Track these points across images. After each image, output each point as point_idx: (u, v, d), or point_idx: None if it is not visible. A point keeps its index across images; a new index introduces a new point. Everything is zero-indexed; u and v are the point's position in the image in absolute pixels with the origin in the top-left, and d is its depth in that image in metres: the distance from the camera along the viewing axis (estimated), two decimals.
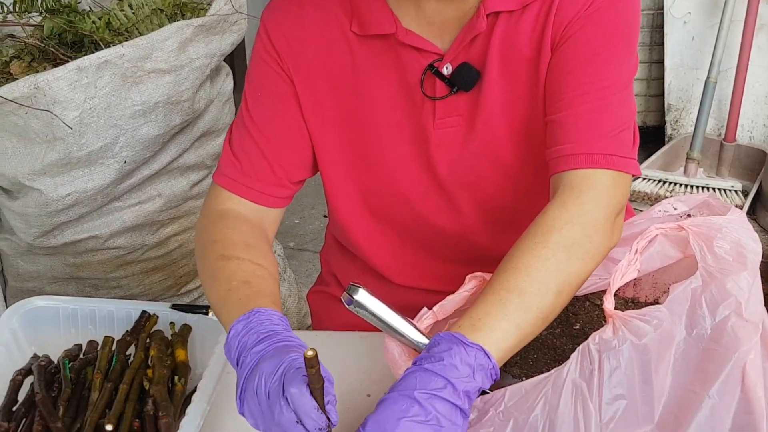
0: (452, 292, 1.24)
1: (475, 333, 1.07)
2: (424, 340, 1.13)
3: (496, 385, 1.11)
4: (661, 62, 3.84)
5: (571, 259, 1.16)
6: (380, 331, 1.16)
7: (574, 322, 1.30)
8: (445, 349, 1.05)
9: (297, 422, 1.00)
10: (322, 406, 1.01)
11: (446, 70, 1.34)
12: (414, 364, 1.06)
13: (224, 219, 1.36)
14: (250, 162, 1.39)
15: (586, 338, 1.06)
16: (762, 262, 1.13)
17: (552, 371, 1.03)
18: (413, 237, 1.50)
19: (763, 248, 1.15)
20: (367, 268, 1.56)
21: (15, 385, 1.34)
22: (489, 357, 1.06)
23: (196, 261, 1.36)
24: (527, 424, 1.01)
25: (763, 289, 1.13)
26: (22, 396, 1.33)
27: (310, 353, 0.96)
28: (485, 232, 1.46)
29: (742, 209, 3.18)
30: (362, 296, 1.13)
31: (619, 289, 1.15)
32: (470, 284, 1.25)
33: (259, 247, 1.33)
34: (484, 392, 1.08)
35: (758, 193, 3.46)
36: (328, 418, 1.01)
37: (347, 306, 1.14)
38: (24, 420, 1.28)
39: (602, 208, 1.21)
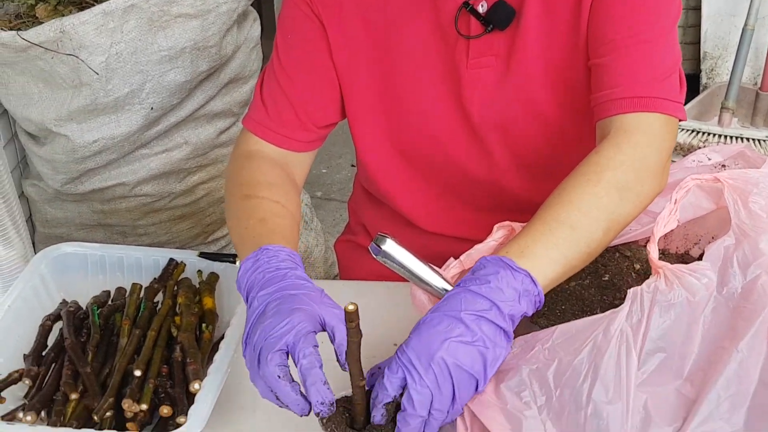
0: (480, 241, 1.23)
1: (522, 259, 1.07)
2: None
3: (521, 334, 1.10)
4: (698, 9, 3.76)
5: (623, 200, 1.15)
6: (407, 280, 1.16)
7: (603, 274, 1.28)
8: (491, 272, 1.05)
9: (279, 377, 1.02)
10: (359, 362, 1.02)
11: (481, 8, 1.31)
12: (458, 285, 1.06)
13: (250, 160, 1.37)
14: (275, 106, 1.39)
15: (615, 290, 1.05)
16: None
17: (607, 313, 1.02)
18: (443, 182, 1.49)
19: None
20: (395, 216, 1.55)
21: (44, 330, 1.35)
22: (535, 283, 1.06)
23: (225, 204, 1.38)
24: (571, 366, 1.01)
25: None
26: (51, 341, 1.34)
27: (351, 307, 0.96)
28: (516, 178, 1.44)
29: None
30: (390, 246, 1.13)
31: (647, 240, 1.14)
32: (498, 233, 1.23)
33: (280, 186, 1.33)
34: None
35: None
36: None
37: (375, 256, 1.13)
38: (53, 364, 1.29)
39: (656, 152, 1.20)
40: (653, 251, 1.05)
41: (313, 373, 1.01)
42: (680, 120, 1.25)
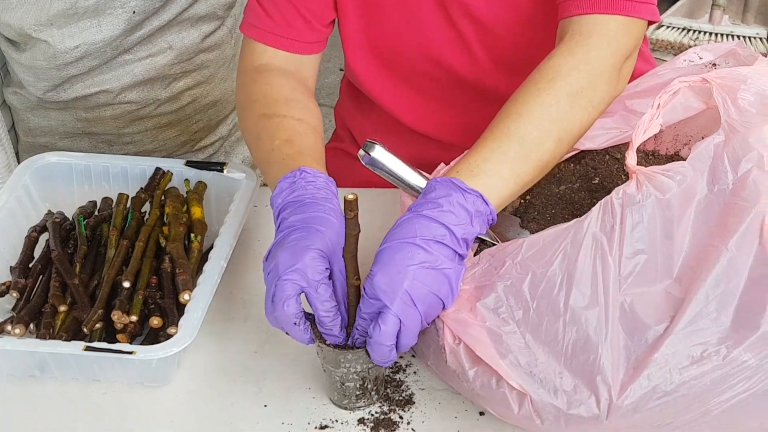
0: (469, 147, 1.22)
1: (473, 179, 1.06)
2: None
3: (511, 239, 1.10)
4: None
5: (575, 108, 1.13)
6: (396, 187, 1.15)
7: (593, 177, 1.28)
8: (443, 195, 1.04)
9: (294, 324, 1.05)
10: (355, 255, 1.02)
11: None
12: (409, 211, 1.06)
13: (261, 75, 1.34)
14: (277, 8, 1.35)
15: (606, 193, 1.05)
16: None
17: (571, 223, 1.03)
18: (426, 84, 1.47)
19: None
20: (382, 121, 1.54)
21: (30, 242, 1.34)
22: (487, 203, 1.05)
23: (238, 121, 1.36)
24: (545, 278, 1.01)
25: None
26: (37, 253, 1.33)
27: (350, 196, 0.97)
28: (498, 77, 1.42)
29: (766, 56, 3.11)
30: (379, 153, 1.12)
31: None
32: None
33: (299, 101, 1.31)
34: (479, 238, 1.10)
35: None
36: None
37: (364, 163, 1.13)
38: (41, 276, 1.29)
39: (610, 56, 1.17)
40: (630, 157, 1.04)
41: (330, 325, 1.04)
42: (650, 22, 1.22)
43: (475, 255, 1.11)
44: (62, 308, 1.21)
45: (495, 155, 1.09)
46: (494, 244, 1.10)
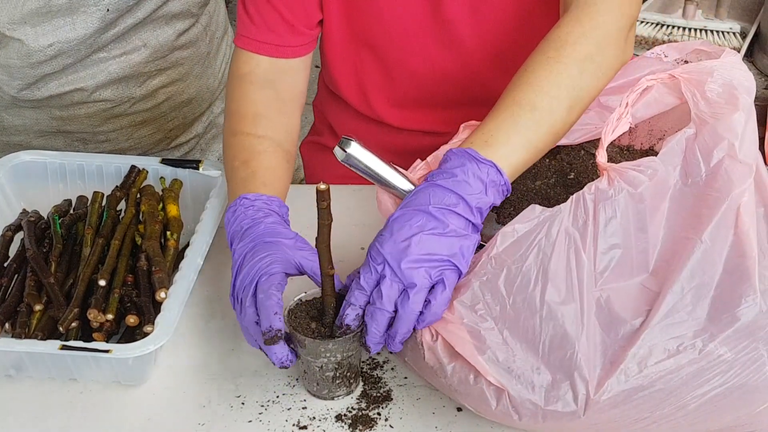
0: (451, 134, 1.22)
1: (487, 149, 1.07)
2: None
3: (487, 234, 1.10)
4: None
5: (584, 73, 1.14)
6: (373, 183, 1.15)
7: (569, 172, 1.28)
8: (457, 165, 1.06)
9: (256, 322, 1.07)
10: (328, 245, 1.03)
11: None
12: (425, 181, 1.07)
13: (241, 86, 1.36)
14: (259, 14, 1.36)
15: (581, 188, 1.05)
16: (759, 105, 1.11)
17: (545, 215, 1.03)
18: (408, 77, 1.46)
19: (759, 91, 1.13)
20: (360, 114, 1.53)
21: (5, 241, 1.33)
22: (501, 173, 1.07)
23: None
24: (521, 273, 1.02)
25: (760, 133, 1.11)
26: (12, 252, 1.32)
27: (322, 186, 0.98)
28: (486, 66, 1.42)
29: (739, 51, 3.13)
30: (354, 149, 1.12)
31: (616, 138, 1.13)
32: (465, 133, 1.22)
33: (267, 117, 1.32)
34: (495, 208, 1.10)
35: (756, 35, 3.40)
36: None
37: (339, 160, 1.13)
38: (16, 276, 1.28)
39: (616, 21, 1.18)
40: (600, 155, 1.05)
41: (265, 306, 1.06)
42: None
43: None
44: (38, 307, 1.20)
45: (507, 124, 1.10)
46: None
